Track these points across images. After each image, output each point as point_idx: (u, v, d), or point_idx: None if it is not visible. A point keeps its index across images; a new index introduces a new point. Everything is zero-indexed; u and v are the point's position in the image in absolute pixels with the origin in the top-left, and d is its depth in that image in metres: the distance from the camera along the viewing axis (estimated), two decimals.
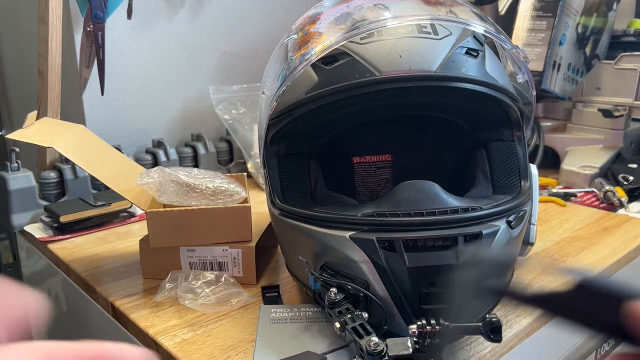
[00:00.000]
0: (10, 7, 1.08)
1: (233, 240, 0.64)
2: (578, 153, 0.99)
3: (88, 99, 0.96)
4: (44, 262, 0.79)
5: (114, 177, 0.66)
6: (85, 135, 0.70)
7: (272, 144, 0.57)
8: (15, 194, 0.83)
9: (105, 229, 0.83)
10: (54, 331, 0.88)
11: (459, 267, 0.48)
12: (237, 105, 1.07)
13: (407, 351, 0.44)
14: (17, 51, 1.11)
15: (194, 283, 0.62)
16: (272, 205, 0.58)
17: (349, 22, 0.52)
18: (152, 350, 0.55)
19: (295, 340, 0.52)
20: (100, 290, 0.64)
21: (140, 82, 1.03)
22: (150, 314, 0.59)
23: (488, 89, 0.53)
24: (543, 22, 0.94)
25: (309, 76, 0.53)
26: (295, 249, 0.57)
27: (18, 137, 0.68)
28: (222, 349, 0.52)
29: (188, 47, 1.07)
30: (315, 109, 0.53)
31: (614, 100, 1.00)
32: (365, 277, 0.49)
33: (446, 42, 0.53)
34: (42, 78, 0.87)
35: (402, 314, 0.49)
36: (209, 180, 0.65)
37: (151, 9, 1.00)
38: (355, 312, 0.48)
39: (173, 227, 0.63)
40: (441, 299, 0.48)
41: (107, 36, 0.90)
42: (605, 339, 0.29)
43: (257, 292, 0.63)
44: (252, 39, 1.15)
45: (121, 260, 0.72)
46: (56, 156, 0.92)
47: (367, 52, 0.52)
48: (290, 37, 0.58)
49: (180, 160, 1.03)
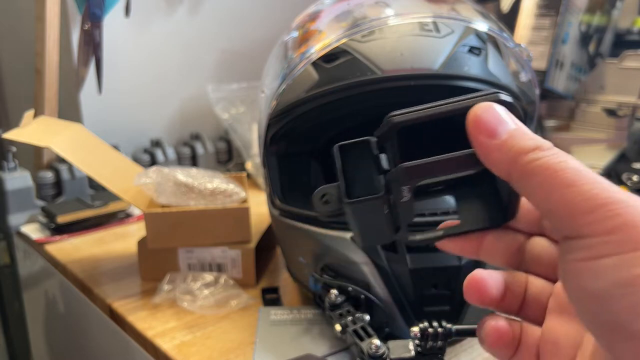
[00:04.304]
0: (6, 5, 1.08)
1: (232, 241, 0.63)
2: (582, 152, 0.99)
3: (85, 98, 0.95)
4: (41, 263, 0.78)
5: (111, 177, 0.66)
6: (82, 134, 0.70)
7: (272, 144, 0.56)
8: (12, 195, 0.82)
9: (103, 230, 0.82)
10: (52, 333, 0.88)
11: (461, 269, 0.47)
12: (236, 104, 1.07)
13: (409, 354, 0.43)
14: (14, 49, 1.11)
15: (193, 285, 0.61)
16: (272, 205, 0.57)
17: (349, 19, 0.52)
18: (151, 352, 0.55)
19: (295, 343, 0.51)
20: (98, 291, 0.64)
21: (138, 80, 1.02)
22: (148, 315, 0.58)
23: (491, 88, 0.53)
24: (546, 20, 0.94)
25: (309, 75, 0.53)
26: (296, 250, 0.56)
27: (15, 136, 0.67)
28: (221, 352, 0.52)
29: (187, 45, 1.06)
30: (316, 108, 0.52)
31: (618, 99, 0.99)
32: (367, 279, 0.49)
33: (448, 40, 0.52)
34: (39, 77, 0.87)
35: (404, 316, 0.48)
36: (207, 180, 0.64)
37: (149, 7, 1.00)
38: (356, 314, 0.47)
39: (171, 228, 0.63)
40: (443, 300, 0.47)
41: (105, 34, 0.89)
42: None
43: (256, 294, 0.62)
44: (252, 37, 1.14)
45: (119, 261, 0.71)
46: (53, 156, 0.91)
47: (368, 51, 0.51)
48: (291, 35, 0.57)
49: (179, 160, 1.02)
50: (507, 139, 0.22)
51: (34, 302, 0.88)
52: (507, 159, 0.22)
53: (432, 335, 0.42)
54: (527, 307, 0.26)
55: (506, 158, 0.22)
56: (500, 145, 0.22)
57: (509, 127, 0.22)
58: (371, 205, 0.25)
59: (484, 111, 0.23)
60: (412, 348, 0.43)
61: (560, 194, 0.20)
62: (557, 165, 0.20)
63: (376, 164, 0.26)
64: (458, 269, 0.47)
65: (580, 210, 0.19)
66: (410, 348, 0.43)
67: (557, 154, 0.21)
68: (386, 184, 0.25)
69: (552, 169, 0.20)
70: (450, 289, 0.48)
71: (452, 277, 0.48)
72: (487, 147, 0.22)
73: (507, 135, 0.22)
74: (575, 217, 0.20)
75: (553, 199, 0.20)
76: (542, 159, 0.21)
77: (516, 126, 0.22)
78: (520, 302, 0.26)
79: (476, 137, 0.23)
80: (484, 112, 0.23)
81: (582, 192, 0.19)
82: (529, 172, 0.21)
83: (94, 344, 0.71)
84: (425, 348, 0.43)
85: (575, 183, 0.20)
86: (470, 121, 0.23)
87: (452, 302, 0.48)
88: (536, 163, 0.21)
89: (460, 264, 0.48)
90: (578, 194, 0.19)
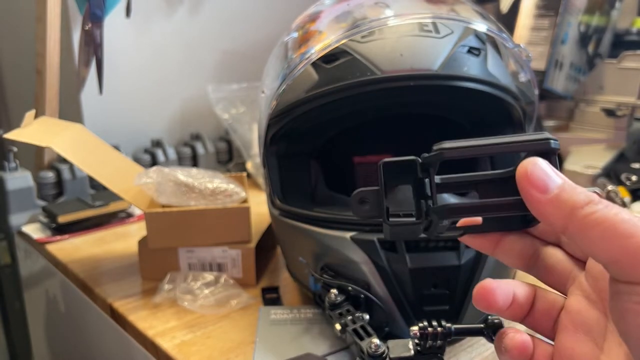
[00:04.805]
0: (7, 5, 1.08)
1: (232, 241, 0.64)
2: (581, 153, 0.99)
3: (86, 98, 0.95)
4: (42, 263, 0.79)
5: (112, 177, 0.66)
6: (83, 134, 0.70)
7: (272, 144, 0.57)
8: (13, 194, 0.82)
9: (104, 230, 0.82)
10: (52, 332, 0.88)
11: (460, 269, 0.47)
12: (236, 104, 1.07)
13: (409, 353, 0.43)
14: (15, 50, 1.11)
15: (193, 284, 0.61)
16: (272, 205, 0.58)
17: (349, 20, 0.52)
18: (151, 351, 0.55)
19: (296, 342, 0.51)
20: (99, 291, 0.64)
21: (139, 81, 1.02)
22: (149, 315, 0.58)
23: (490, 88, 0.53)
24: (545, 20, 0.94)
25: (309, 75, 0.53)
26: (296, 250, 0.56)
27: (15, 136, 0.67)
28: (221, 351, 0.52)
29: (187, 45, 1.07)
30: (316, 108, 0.53)
31: (617, 99, 0.99)
32: (366, 278, 0.49)
33: (448, 40, 0.52)
34: (40, 77, 0.87)
35: (404, 315, 0.48)
36: (208, 180, 0.64)
37: (150, 7, 1.00)
38: (356, 314, 0.47)
39: (172, 227, 0.63)
40: (443, 300, 0.47)
41: (106, 35, 0.89)
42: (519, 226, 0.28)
43: (256, 294, 0.62)
44: (252, 37, 1.14)
45: (120, 261, 0.72)
46: (54, 156, 0.91)
47: (368, 51, 0.51)
48: (291, 36, 0.58)
49: (179, 160, 1.02)
50: (559, 194, 0.24)
51: (35, 301, 0.88)
52: (561, 213, 0.23)
53: (431, 334, 0.42)
54: (534, 318, 0.28)
55: (560, 212, 0.23)
56: (553, 200, 0.24)
57: (558, 183, 0.24)
58: (410, 229, 0.27)
59: (533, 167, 0.24)
60: (412, 347, 0.43)
61: (621, 244, 0.22)
62: (614, 218, 0.22)
63: (419, 187, 0.27)
64: (457, 268, 0.48)
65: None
66: (410, 347, 0.43)
67: (610, 206, 0.23)
68: (426, 212, 0.27)
69: (610, 221, 0.22)
70: (450, 288, 0.48)
71: (451, 276, 0.48)
72: (539, 202, 0.24)
73: (558, 190, 0.24)
74: (637, 266, 0.22)
75: (614, 249, 0.22)
76: (598, 212, 0.22)
77: (563, 181, 0.24)
78: (526, 312, 0.28)
79: (528, 190, 0.24)
80: (534, 168, 0.24)
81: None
82: (587, 225, 0.23)
83: (95, 343, 0.71)
84: (425, 347, 0.43)
85: (634, 235, 0.22)
86: (520, 175, 0.25)
87: (452, 301, 0.48)
88: (594, 216, 0.22)
89: (459, 263, 0.48)
90: (638, 245, 0.22)
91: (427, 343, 0.42)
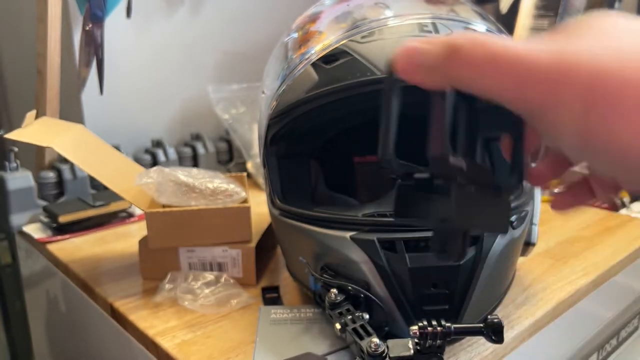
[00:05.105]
0: (8, 5, 1.08)
1: (233, 241, 0.64)
2: None
3: (87, 99, 0.95)
4: (43, 263, 0.79)
5: (112, 177, 0.66)
6: (84, 134, 0.70)
7: (272, 144, 0.57)
8: (14, 194, 0.83)
9: (104, 230, 0.82)
10: (53, 332, 0.89)
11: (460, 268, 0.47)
12: (237, 105, 1.07)
13: (408, 352, 0.43)
14: (15, 50, 1.11)
15: (194, 284, 0.61)
16: (272, 205, 0.58)
17: (349, 20, 0.52)
18: (151, 351, 0.55)
19: (296, 342, 0.51)
20: (99, 291, 0.64)
21: (140, 81, 1.02)
22: (149, 314, 0.58)
23: None
24: (545, 21, 0.94)
25: (309, 75, 0.53)
26: (296, 250, 0.56)
27: (16, 136, 0.67)
28: (221, 350, 0.52)
29: (188, 45, 1.07)
30: (316, 108, 0.53)
31: None
32: (366, 278, 0.49)
33: None
34: (40, 77, 0.87)
35: (403, 315, 0.48)
36: (208, 180, 0.65)
37: (150, 8, 1.00)
38: (355, 313, 0.47)
39: (172, 227, 0.63)
40: (443, 300, 0.47)
41: (106, 35, 0.89)
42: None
43: (257, 293, 0.62)
44: (252, 38, 1.14)
45: (120, 260, 0.72)
46: (55, 156, 0.91)
47: (367, 51, 0.51)
48: (291, 36, 0.58)
49: (180, 160, 1.02)
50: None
51: (36, 301, 0.88)
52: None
53: (431, 334, 0.42)
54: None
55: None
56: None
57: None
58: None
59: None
60: (412, 347, 0.43)
61: None
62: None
63: None
64: (457, 268, 0.48)
65: None
66: (410, 347, 0.43)
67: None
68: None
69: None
70: (450, 288, 0.48)
71: (451, 276, 0.48)
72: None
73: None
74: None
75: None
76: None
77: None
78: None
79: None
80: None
81: None
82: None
83: (95, 342, 0.71)
84: (425, 347, 0.43)
85: None
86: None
87: (451, 301, 0.48)
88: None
89: (459, 263, 0.48)
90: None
91: (427, 342, 0.43)
